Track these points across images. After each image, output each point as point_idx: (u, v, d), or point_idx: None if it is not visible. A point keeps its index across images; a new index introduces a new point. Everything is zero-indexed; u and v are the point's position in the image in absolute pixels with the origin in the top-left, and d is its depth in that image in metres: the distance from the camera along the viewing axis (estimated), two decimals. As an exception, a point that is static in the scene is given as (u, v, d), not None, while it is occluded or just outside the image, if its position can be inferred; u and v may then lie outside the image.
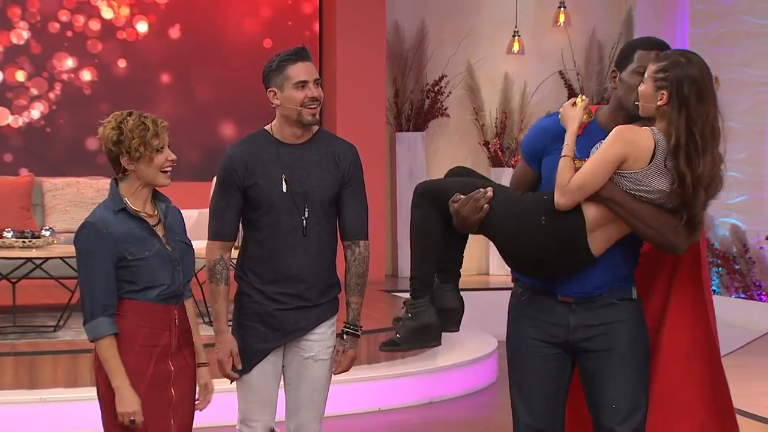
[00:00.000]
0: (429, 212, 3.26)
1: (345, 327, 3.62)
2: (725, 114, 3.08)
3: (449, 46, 10.78)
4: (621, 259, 3.16)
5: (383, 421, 6.28)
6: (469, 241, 3.38)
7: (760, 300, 9.00)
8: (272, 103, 3.56)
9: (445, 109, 10.67)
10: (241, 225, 3.64)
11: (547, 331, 3.21)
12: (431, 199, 3.28)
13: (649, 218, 3.03)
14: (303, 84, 3.50)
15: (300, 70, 3.50)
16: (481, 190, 3.16)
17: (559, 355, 3.22)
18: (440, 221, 3.25)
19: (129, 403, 3.17)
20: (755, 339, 7.32)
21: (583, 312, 3.17)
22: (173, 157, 3.28)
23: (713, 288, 9.47)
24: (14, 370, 5.94)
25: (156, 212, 3.33)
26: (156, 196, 3.36)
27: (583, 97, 3.17)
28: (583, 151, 3.10)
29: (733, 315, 9.05)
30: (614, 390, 3.14)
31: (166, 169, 3.28)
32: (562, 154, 3.06)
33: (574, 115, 3.12)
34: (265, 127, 3.63)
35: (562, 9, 10.80)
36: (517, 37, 10.70)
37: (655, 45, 3.17)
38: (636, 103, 3.06)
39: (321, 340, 3.61)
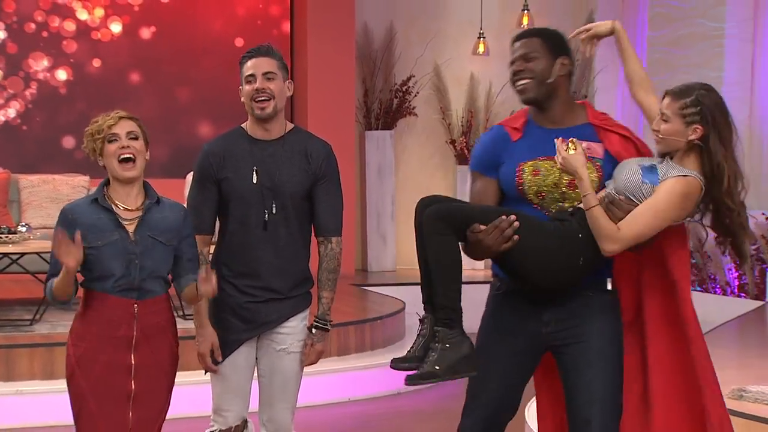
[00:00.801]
0: (450, 238, 3.00)
1: (315, 321, 3.61)
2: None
3: (417, 47, 10.80)
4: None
5: (353, 411, 6.30)
6: None
7: (715, 293, 9.09)
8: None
9: (413, 109, 10.69)
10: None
11: (522, 326, 3.17)
12: (451, 224, 3.00)
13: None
14: (251, 78, 3.49)
15: (251, 64, 3.50)
16: (504, 218, 2.98)
17: (525, 351, 3.19)
18: (458, 247, 3.04)
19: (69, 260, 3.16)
20: (710, 330, 7.39)
21: (557, 306, 3.13)
22: (125, 144, 3.25)
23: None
24: (-9, 363, 5.92)
25: (141, 207, 3.31)
26: (148, 193, 3.34)
27: (573, 140, 3.06)
28: (533, 152, 3.14)
29: (690, 307, 9.13)
30: (586, 382, 3.08)
31: (122, 157, 3.25)
32: (592, 205, 2.98)
33: (579, 160, 3.01)
34: (242, 125, 3.64)
35: (525, 11, 10.83)
36: (482, 39, 10.73)
37: (520, 36, 3.24)
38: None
39: (293, 333, 3.59)
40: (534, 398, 3.63)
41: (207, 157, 3.56)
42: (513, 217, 2.98)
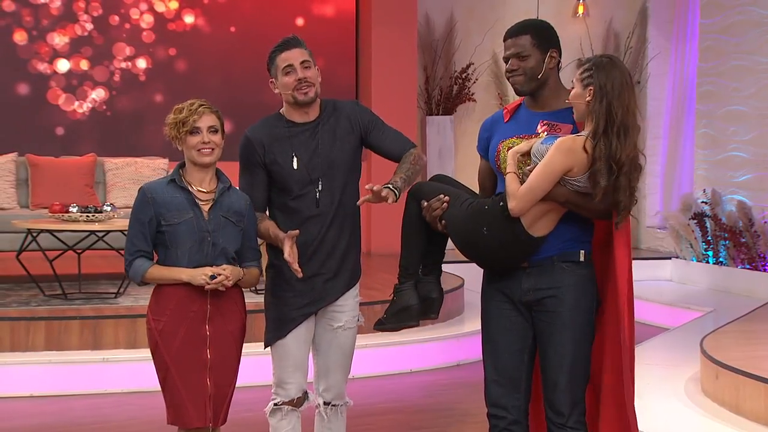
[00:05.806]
0: (412, 208, 3.30)
1: (387, 184, 3.41)
2: (733, 98, 3.05)
3: (476, 36, 10.71)
4: (566, 224, 3.14)
5: (414, 382, 6.31)
6: None
7: (764, 270, 8.91)
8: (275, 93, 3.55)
9: (472, 95, 10.62)
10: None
11: (507, 293, 3.22)
12: (416, 198, 3.31)
13: (594, 208, 3.07)
14: (290, 68, 3.47)
15: (285, 56, 3.47)
16: (437, 199, 3.22)
17: (520, 316, 3.23)
18: (421, 217, 3.28)
19: (196, 273, 3.26)
20: (759, 306, 7.26)
21: (536, 276, 3.17)
22: (206, 140, 3.31)
23: (721, 259, 9.38)
24: (80, 332, 6.04)
25: (215, 190, 3.36)
26: (220, 179, 3.39)
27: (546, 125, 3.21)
28: (514, 131, 3.24)
29: (740, 284, 8.98)
30: (554, 351, 3.15)
31: (202, 149, 3.32)
32: (507, 171, 3.10)
33: (524, 146, 3.14)
34: (280, 110, 3.60)
35: (581, 1, 10.69)
36: (538, 28, 10.59)
37: (511, 33, 3.26)
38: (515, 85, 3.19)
39: (347, 310, 3.61)
40: None
41: (251, 142, 3.52)
42: (445, 199, 3.21)
